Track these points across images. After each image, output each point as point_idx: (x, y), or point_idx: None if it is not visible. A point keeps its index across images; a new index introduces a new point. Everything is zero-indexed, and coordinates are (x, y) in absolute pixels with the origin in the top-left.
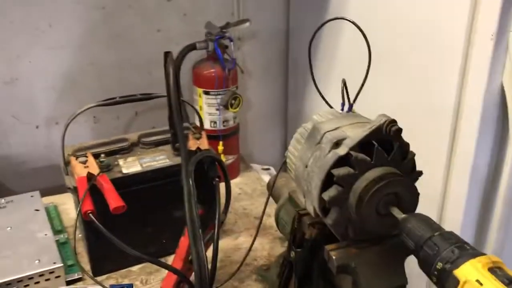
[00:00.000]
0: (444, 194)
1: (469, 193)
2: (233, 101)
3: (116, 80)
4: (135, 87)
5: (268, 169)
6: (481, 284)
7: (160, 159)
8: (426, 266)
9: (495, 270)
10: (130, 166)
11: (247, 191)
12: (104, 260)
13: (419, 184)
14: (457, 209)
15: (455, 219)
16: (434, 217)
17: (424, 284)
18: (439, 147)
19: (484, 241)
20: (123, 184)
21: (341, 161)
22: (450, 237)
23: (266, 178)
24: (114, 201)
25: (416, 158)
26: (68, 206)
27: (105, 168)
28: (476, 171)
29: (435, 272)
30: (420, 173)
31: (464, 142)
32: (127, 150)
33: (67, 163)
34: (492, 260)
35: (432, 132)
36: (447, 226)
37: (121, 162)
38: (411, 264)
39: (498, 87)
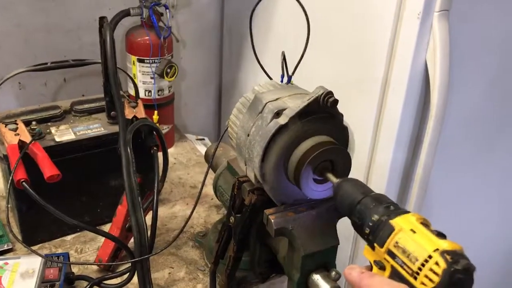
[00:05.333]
0: (370, 161)
1: (392, 160)
2: (168, 70)
3: (44, 44)
4: (63, 52)
5: (203, 139)
6: (414, 232)
7: (94, 127)
8: (361, 218)
9: (425, 225)
10: (63, 134)
11: (182, 161)
12: (36, 230)
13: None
14: (382, 176)
15: (379, 185)
16: None
17: (349, 245)
18: (368, 117)
19: (405, 205)
20: (57, 152)
21: (281, 130)
22: (385, 198)
23: (201, 148)
24: (48, 169)
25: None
26: None
27: (37, 136)
28: (399, 142)
29: (370, 223)
30: None
31: (390, 112)
32: (59, 118)
33: None
34: (423, 217)
35: (362, 103)
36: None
37: (53, 130)
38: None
39: (422, 63)
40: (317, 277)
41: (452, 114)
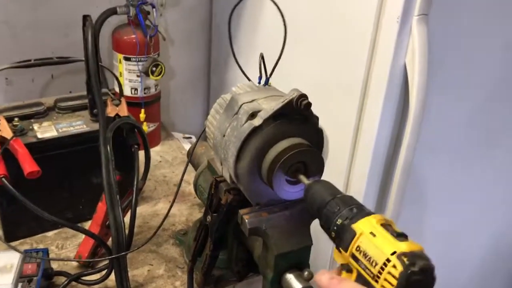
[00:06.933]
0: (350, 163)
1: (372, 162)
2: (154, 69)
3: (32, 41)
4: (51, 49)
5: (189, 137)
6: (374, 235)
7: (77, 124)
8: (327, 222)
9: (387, 226)
10: (45, 131)
11: (167, 159)
12: (17, 225)
13: (328, 156)
14: (362, 178)
15: (359, 187)
16: (340, 187)
17: (330, 247)
18: (348, 119)
19: (384, 211)
20: (38, 149)
21: (255, 131)
22: (350, 200)
23: (187, 147)
24: (28, 165)
25: (326, 130)
26: None
27: (18, 132)
28: (378, 144)
29: (335, 228)
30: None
31: (369, 117)
32: (42, 115)
33: None
34: (384, 218)
35: (341, 107)
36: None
37: (36, 126)
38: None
39: (402, 67)
40: (290, 277)
41: (449, 115)
